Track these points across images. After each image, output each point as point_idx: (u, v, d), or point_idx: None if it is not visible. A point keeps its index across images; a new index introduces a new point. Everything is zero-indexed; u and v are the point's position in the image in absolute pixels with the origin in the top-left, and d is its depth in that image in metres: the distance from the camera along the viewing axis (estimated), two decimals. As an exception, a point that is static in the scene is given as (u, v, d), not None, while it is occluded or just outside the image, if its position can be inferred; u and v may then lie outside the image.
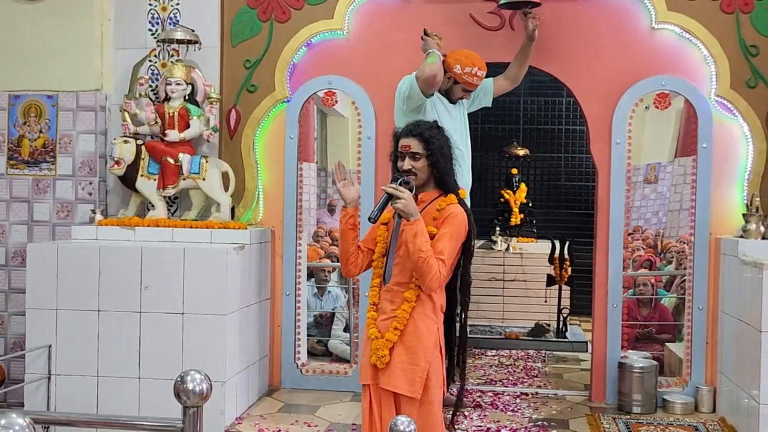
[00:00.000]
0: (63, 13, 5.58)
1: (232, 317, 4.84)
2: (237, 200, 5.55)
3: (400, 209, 3.11)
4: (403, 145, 3.32)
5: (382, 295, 3.34)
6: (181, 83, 5.37)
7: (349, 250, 3.36)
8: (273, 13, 5.57)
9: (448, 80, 4.90)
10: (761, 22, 5.16)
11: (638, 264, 5.94)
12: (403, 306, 3.25)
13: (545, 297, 8.48)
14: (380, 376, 3.28)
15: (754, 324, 4.47)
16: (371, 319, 3.35)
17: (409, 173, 3.28)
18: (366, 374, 3.34)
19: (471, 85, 4.93)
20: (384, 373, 3.27)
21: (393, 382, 3.24)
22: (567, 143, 10.36)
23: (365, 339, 3.38)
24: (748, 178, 5.18)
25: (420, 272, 3.16)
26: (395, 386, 3.24)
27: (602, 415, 5.05)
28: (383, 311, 3.32)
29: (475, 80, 4.90)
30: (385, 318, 3.30)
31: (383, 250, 3.34)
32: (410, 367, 3.23)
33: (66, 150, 5.60)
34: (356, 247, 3.38)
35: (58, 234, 5.58)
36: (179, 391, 2.25)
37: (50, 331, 4.87)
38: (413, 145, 3.30)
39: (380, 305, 3.34)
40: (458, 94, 4.97)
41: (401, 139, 3.35)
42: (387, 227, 3.35)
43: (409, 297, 3.25)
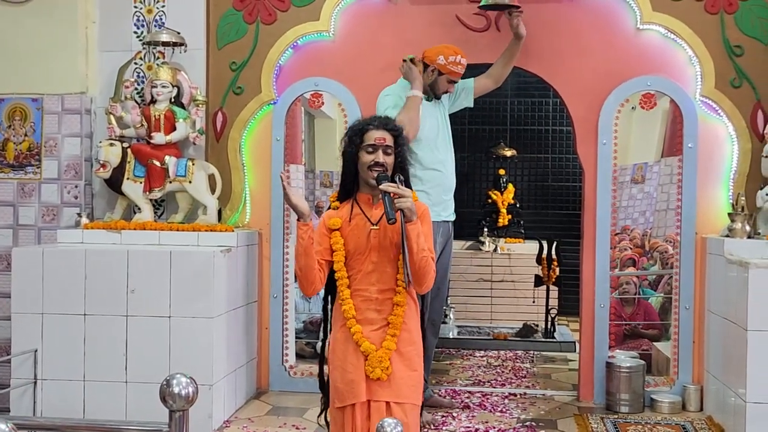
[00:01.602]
0: (47, 16, 5.55)
1: (219, 320, 4.83)
2: (224, 203, 5.54)
3: (407, 208, 2.98)
4: (378, 138, 3.13)
5: (362, 306, 3.13)
6: (167, 86, 5.35)
7: (315, 266, 3.11)
8: (259, 15, 5.56)
9: (432, 73, 4.89)
10: (745, 22, 5.19)
11: (622, 263, 5.96)
12: (396, 311, 3.11)
13: (533, 297, 8.49)
14: (377, 389, 3.09)
15: (740, 323, 4.49)
16: (358, 333, 3.11)
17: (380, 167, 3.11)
18: (357, 391, 3.09)
19: (456, 74, 4.90)
20: (383, 385, 3.09)
21: (397, 392, 3.10)
22: (554, 144, 10.38)
23: (349, 355, 3.12)
24: (734, 178, 5.21)
25: (423, 273, 3.06)
26: (399, 396, 3.09)
27: (590, 414, 5.06)
28: (370, 322, 3.13)
29: (459, 69, 4.88)
30: (375, 328, 3.12)
31: (343, 258, 3.13)
32: (410, 374, 3.13)
33: (51, 153, 5.57)
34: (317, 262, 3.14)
35: (43, 238, 5.54)
36: (165, 394, 2.25)
37: (36, 335, 4.84)
38: (387, 139, 3.15)
39: (363, 316, 3.13)
40: (443, 87, 4.93)
41: (374, 131, 3.15)
42: (340, 232, 3.14)
43: (401, 301, 3.12)
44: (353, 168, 3.18)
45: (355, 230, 3.15)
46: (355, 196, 3.21)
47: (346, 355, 3.14)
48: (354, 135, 3.17)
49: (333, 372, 3.17)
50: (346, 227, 3.15)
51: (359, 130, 3.17)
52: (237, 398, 5.19)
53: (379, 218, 3.12)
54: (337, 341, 3.18)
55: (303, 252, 3.10)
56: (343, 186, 3.25)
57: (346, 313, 3.14)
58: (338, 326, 3.19)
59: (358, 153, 3.15)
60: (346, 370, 3.12)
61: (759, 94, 5.17)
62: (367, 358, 3.09)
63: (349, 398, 3.11)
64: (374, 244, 3.12)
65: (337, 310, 3.21)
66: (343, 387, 3.13)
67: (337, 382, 3.15)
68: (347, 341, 3.14)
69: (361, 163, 3.14)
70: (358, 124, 3.22)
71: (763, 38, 5.17)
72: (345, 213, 3.18)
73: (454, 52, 4.87)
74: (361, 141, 3.15)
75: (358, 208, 3.18)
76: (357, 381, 3.10)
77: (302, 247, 3.09)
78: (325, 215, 3.22)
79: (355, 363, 3.11)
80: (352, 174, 3.20)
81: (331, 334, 3.25)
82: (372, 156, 3.12)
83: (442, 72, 4.88)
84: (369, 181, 3.13)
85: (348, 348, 3.13)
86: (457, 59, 4.86)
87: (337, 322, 3.21)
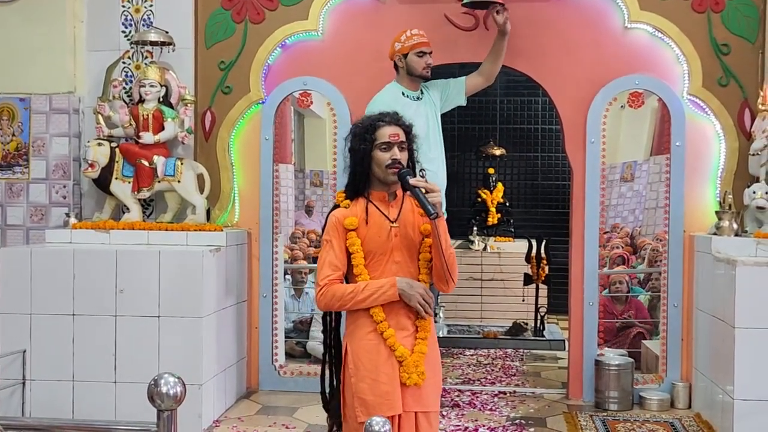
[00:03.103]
0: (35, 16, 5.54)
1: (208, 320, 4.82)
2: (213, 202, 5.53)
3: (438, 203, 2.88)
4: (392, 134, 2.98)
5: (392, 308, 2.95)
6: (155, 85, 5.34)
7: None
8: (247, 14, 5.56)
9: (401, 62, 4.89)
10: (732, 21, 5.21)
11: (612, 261, 5.98)
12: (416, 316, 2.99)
13: (523, 296, 8.50)
14: (408, 399, 2.94)
15: (727, 320, 4.51)
16: (392, 337, 2.92)
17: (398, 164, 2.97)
18: (394, 402, 2.90)
19: (418, 45, 4.85)
20: (414, 394, 2.94)
21: (425, 401, 2.97)
22: (543, 143, 10.40)
23: (381, 364, 2.92)
24: (721, 176, 5.24)
25: (451, 269, 2.95)
26: (428, 404, 2.98)
27: (579, 412, 5.08)
28: (402, 327, 2.96)
29: (417, 38, 4.86)
30: (407, 334, 2.97)
31: (363, 260, 2.96)
32: (435, 380, 3.03)
33: (39, 153, 5.55)
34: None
35: (32, 238, 5.53)
36: (153, 394, 2.24)
37: (24, 335, 4.82)
38: (400, 135, 3.01)
39: (394, 321, 2.95)
40: (419, 64, 4.85)
41: (387, 128, 3.00)
42: (357, 233, 2.96)
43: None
44: (367, 166, 3.00)
45: (373, 230, 2.98)
46: (368, 194, 3.04)
47: (377, 364, 2.92)
48: (366, 132, 3.01)
49: (358, 384, 2.93)
50: (363, 227, 2.97)
51: (370, 127, 3.02)
52: (227, 398, 5.19)
53: (397, 216, 3.01)
54: (363, 349, 2.94)
55: (361, 304, 2.92)
56: (353, 184, 3.06)
57: (376, 316, 2.93)
58: (364, 332, 2.95)
59: (372, 151, 2.99)
60: (378, 381, 2.91)
61: (746, 92, 5.20)
62: (401, 364, 2.92)
63: (384, 411, 2.87)
64: (396, 243, 2.98)
65: (358, 316, 2.98)
66: (375, 399, 2.90)
67: (365, 395, 2.91)
68: (377, 348, 2.93)
69: (377, 161, 2.98)
70: (368, 120, 3.06)
71: (750, 37, 5.20)
72: (359, 212, 3.00)
73: (403, 32, 4.90)
74: (374, 138, 2.99)
75: (373, 206, 3.01)
76: (392, 391, 2.91)
77: (363, 302, 2.92)
78: (339, 215, 2.99)
79: (389, 372, 2.91)
80: (365, 172, 3.02)
81: (347, 343, 3.01)
82: (388, 153, 2.97)
83: (405, 54, 4.87)
84: (387, 178, 2.98)
85: (379, 355, 2.93)
86: (408, 34, 4.87)
87: (361, 328, 2.97)
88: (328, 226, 3.00)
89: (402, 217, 3.01)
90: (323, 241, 3.02)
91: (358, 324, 2.98)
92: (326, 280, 2.94)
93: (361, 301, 2.91)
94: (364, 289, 2.92)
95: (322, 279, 2.95)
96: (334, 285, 2.95)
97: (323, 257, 2.98)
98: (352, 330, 3.00)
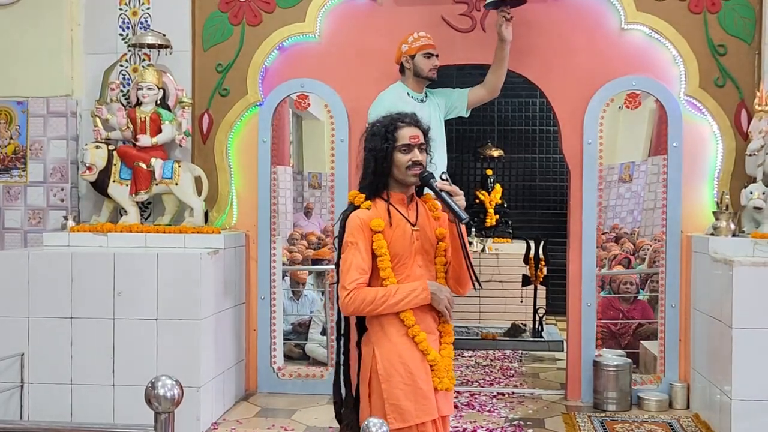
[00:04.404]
0: (32, 19, 5.54)
1: (206, 322, 4.82)
2: (210, 205, 5.53)
3: (463, 206, 2.85)
4: (412, 136, 2.93)
5: (420, 312, 2.91)
6: (153, 88, 5.34)
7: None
8: (244, 16, 5.56)
9: (408, 63, 4.90)
10: (728, 22, 5.22)
11: (616, 262, 5.98)
12: (443, 318, 2.99)
13: (521, 297, 8.52)
14: (440, 403, 2.93)
15: (725, 320, 4.51)
16: (424, 341, 2.89)
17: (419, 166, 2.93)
18: (431, 407, 2.88)
19: (425, 47, 4.87)
20: (442, 398, 2.93)
21: (449, 404, 2.99)
22: (541, 144, 10.42)
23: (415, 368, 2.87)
24: (718, 177, 5.24)
25: (466, 275, 2.97)
26: (450, 408, 3.00)
27: (578, 413, 5.08)
28: (430, 330, 2.94)
29: (424, 41, 4.89)
30: (434, 338, 2.96)
31: (390, 263, 2.90)
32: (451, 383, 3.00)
33: (37, 156, 5.55)
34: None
35: (29, 241, 5.53)
36: (150, 396, 2.24)
37: (22, 339, 4.82)
38: (420, 137, 2.96)
39: (424, 325, 2.92)
40: (426, 65, 4.87)
41: (407, 129, 2.95)
42: (383, 235, 2.89)
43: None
44: (387, 167, 2.94)
45: (398, 232, 2.92)
46: (387, 196, 2.98)
47: (411, 369, 2.87)
48: (386, 132, 2.94)
49: (391, 390, 2.85)
50: (387, 230, 2.90)
51: (390, 127, 2.95)
52: (225, 400, 5.19)
53: (416, 219, 2.98)
54: (395, 354, 2.88)
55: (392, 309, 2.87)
56: (372, 185, 2.98)
57: (407, 320, 2.88)
58: (394, 337, 2.90)
59: (393, 152, 2.93)
60: (413, 386, 2.86)
61: (743, 93, 5.21)
62: (433, 368, 2.90)
63: (420, 416, 2.85)
64: (417, 246, 2.95)
65: (386, 321, 2.91)
66: (411, 404, 2.85)
67: (398, 401, 2.85)
68: (410, 353, 2.89)
69: (397, 163, 2.92)
70: (387, 120, 2.99)
71: (746, 37, 5.21)
72: (382, 214, 2.93)
73: (410, 34, 4.91)
74: (395, 139, 2.93)
75: (394, 208, 2.96)
76: (429, 396, 2.87)
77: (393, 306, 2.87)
78: (364, 216, 2.91)
79: (424, 377, 2.87)
80: (384, 173, 2.95)
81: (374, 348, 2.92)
82: (408, 155, 2.91)
83: (413, 55, 4.88)
84: (407, 180, 2.94)
85: (413, 360, 2.88)
86: (416, 36, 4.90)
87: (391, 332, 2.90)
88: (352, 228, 2.90)
89: (420, 220, 2.99)
90: (347, 243, 2.90)
91: (386, 329, 2.91)
92: (354, 283, 2.85)
93: (393, 305, 2.85)
94: (396, 292, 2.86)
95: (350, 283, 2.85)
96: (363, 289, 2.86)
97: (349, 260, 2.87)
98: (380, 335, 2.91)
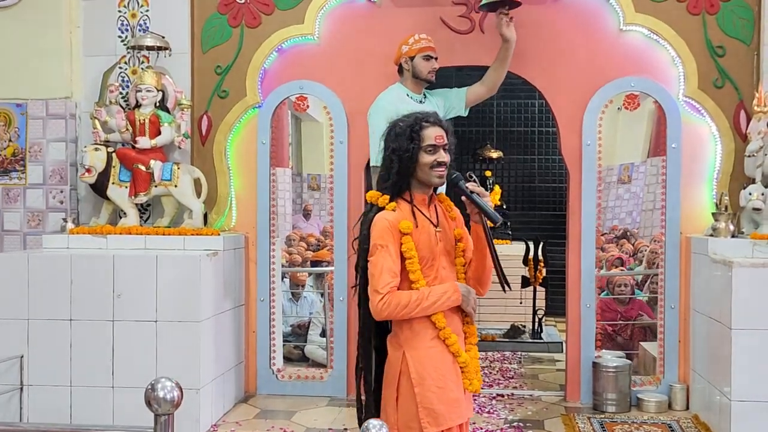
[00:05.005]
0: (31, 21, 5.54)
1: (206, 324, 4.82)
2: (210, 206, 5.53)
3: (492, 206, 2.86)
4: (437, 136, 2.88)
5: (448, 315, 2.88)
6: (152, 90, 5.33)
7: None
8: (243, 18, 5.56)
9: (407, 64, 4.90)
10: (727, 23, 5.23)
11: (610, 263, 5.99)
12: (468, 319, 2.96)
13: (520, 298, 8.51)
14: (467, 404, 2.94)
15: (724, 321, 4.51)
16: (456, 344, 2.86)
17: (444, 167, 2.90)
18: (462, 410, 2.88)
19: (425, 49, 4.87)
20: (468, 399, 2.94)
21: (471, 406, 3.00)
22: (540, 145, 10.43)
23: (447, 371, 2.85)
24: (717, 178, 5.24)
25: (489, 276, 2.96)
26: (472, 410, 3.01)
27: (577, 414, 5.08)
28: (457, 332, 2.91)
29: (425, 42, 4.89)
30: (461, 339, 2.93)
31: (419, 265, 2.84)
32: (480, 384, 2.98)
33: (36, 158, 5.55)
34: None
35: (29, 243, 5.53)
36: (150, 398, 2.25)
37: (22, 341, 4.82)
38: (444, 137, 2.91)
39: (452, 326, 2.89)
40: (425, 67, 4.87)
41: (432, 129, 2.90)
42: (411, 236, 2.84)
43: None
44: (412, 167, 2.88)
45: (424, 234, 2.87)
46: (411, 197, 2.93)
47: (443, 372, 2.84)
48: (412, 132, 2.88)
49: (425, 394, 2.81)
50: (415, 231, 2.85)
51: (416, 127, 2.90)
52: (225, 402, 5.19)
53: (437, 220, 2.94)
54: (428, 357, 2.83)
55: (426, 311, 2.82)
56: (395, 186, 2.90)
57: (439, 323, 2.84)
58: (426, 339, 2.84)
59: (418, 153, 2.88)
60: (445, 389, 2.82)
61: (741, 94, 5.21)
62: (463, 370, 2.88)
63: (454, 419, 2.84)
64: (441, 247, 2.91)
65: (416, 324, 2.84)
66: (444, 408, 2.81)
67: (432, 404, 2.80)
68: (442, 355, 2.85)
69: (422, 164, 2.87)
70: (411, 120, 2.93)
71: (745, 39, 5.21)
72: (407, 215, 2.88)
73: (411, 35, 4.92)
74: (420, 139, 2.88)
75: (418, 210, 2.91)
76: (460, 399, 2.86)
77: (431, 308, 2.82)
78: (391, 218, 2.84)
79: (455, 379, 2.86)
80: (409, 174, 2.90)
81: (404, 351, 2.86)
82: (434, 156, 2.87)
83: (412, 57, 4.88)
84: (431, 180, 2.89)
85: (444, 362, 2.85)
86: (416, 37, 4.90)
87: (422, 335, 2.85)
88: (381, 230, 2.83)
89: (441, 221, 2.97)
90: (375, 245, 2.82)
91: (417, 332, 2.85)
92: (388, 287, 2.78)
93: (426, 308, 2.81)
94: (429, 295, 2.81)
95: (383, 287, 2.78)
96: (396, 292, 2.80)
97: (380, 263, 2.80)
98: (410, 338, 2.85)
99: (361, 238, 2.90)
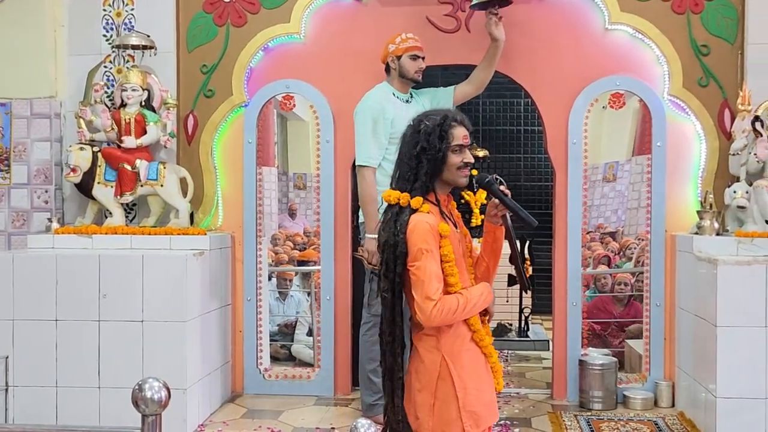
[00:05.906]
0: (15, 20, 5.50)
1: (192, 324, 4.81)
2: (196, 206, 5.52)
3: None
4: (465, 136, 2.83)
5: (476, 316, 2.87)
6: (137, 89, 5.32)
7: None
8: (229, 17, 5.55)
9: (394, 63, 4.90)
10: (711, 22, 5.26)
11: (596, 261, 6.00)
12: (485, 320, 2.95)
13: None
14: None
15: (709, 319, 4.54)
16: (490, 345, 2.87)
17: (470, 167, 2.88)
18: (496, 410, 2.90)
19: (412, 48, 4.87)
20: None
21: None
22: (526, 144, 10.45)
23: (483, 373, 2.86)
24: (702, 176, 5.27)
25: (494, 276, 3.00)
26: None
27: (564, 412, 5.10)
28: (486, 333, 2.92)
29: (412, 42, 4.89)
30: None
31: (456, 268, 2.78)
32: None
33: (20, 158, 5.52)
34: None
35: (13, 243, 5.49)
36: (137, 399, 2.24)
37: (7, 342, 4.78)
38: (469, 137, 2.87)
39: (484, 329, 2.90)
40: (412, 67, 4.88)
41: (459, 128, 2.84)
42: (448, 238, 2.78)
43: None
44: (440, 168, 2.83)
45: (455, 236, 2.85)
46: (436, 198, 2.87)
47: (480, 373, 2.84)
48: (441, 131, 2.82)
49: (467, 397, 2.77)
50: (452, 234, 2.82)
51: (445, 126, 2.83)
52: (212, 402, 5.18)
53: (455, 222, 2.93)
54: (467, 360, 2.81)
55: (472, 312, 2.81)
56: (423, 187, 2.83)
57: (473, 325, 2.83)
58: (464, 342, 2.82)
59: (447, 153, 2.83)
60: (482, 390, 2.83)
61: (726, 92, 5.24)
62: (493, 370, 2.91)
63: (490, 420, 2.85)
64: (463, 248, 2.92)
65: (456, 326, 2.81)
66: (482, 409, 2.80)
67: (473, 406, 2.78)
68: (478, 357, 2.85)
69: (449, 164, 2.82)
70: (438, 119, 2.85)
71: (729, 38, 5.24)
72: (439, 218, 2.82)
73: (398, 34, 4.92)
74: (449, 139, 2.82)
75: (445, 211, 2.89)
76: (494, 399, 2.89)
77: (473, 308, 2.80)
78: (431, 221, 2.77)
79: (489, 380, 2.87)
80: (436, 174, 2.84)
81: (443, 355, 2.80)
82: (460, 156, 2.83)
83: (399, 56, 4.88)
84: (457, 181, 2.86)
85: (479, 364, 2.85)
86: (403, 36, 4.90)
87: (461, 338, 2.82)
88: (424, 234, 2.73)
89: (459, 222, 2.97)
90: (421, 250, 2.72)
91: (459, 335, 2.81)
92: (438, 293, 2.71)
93: (469, 311, 2.78)
94: (470, 298, 2.78)
95: (435, 293, 2.70)
96: (445, 298, 2.73)
97: (428, 269, 2.71)
98: (452, 342, 2.80)
99: (394, 241, 2.77)
